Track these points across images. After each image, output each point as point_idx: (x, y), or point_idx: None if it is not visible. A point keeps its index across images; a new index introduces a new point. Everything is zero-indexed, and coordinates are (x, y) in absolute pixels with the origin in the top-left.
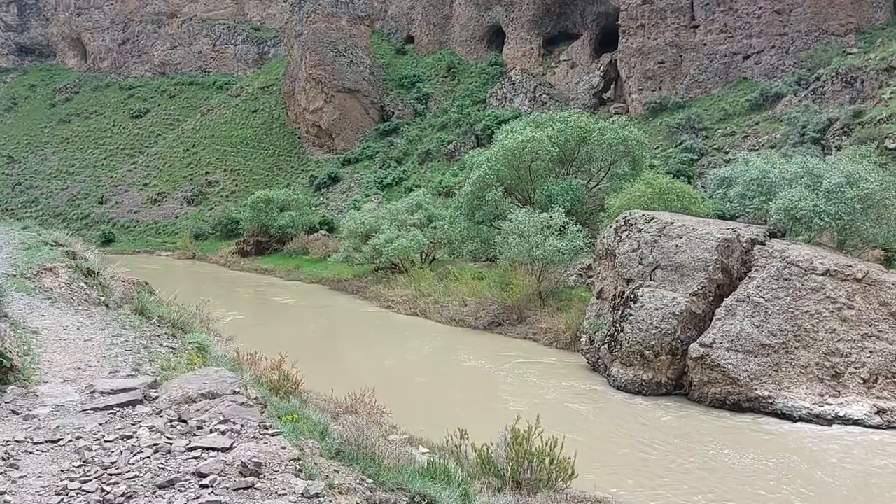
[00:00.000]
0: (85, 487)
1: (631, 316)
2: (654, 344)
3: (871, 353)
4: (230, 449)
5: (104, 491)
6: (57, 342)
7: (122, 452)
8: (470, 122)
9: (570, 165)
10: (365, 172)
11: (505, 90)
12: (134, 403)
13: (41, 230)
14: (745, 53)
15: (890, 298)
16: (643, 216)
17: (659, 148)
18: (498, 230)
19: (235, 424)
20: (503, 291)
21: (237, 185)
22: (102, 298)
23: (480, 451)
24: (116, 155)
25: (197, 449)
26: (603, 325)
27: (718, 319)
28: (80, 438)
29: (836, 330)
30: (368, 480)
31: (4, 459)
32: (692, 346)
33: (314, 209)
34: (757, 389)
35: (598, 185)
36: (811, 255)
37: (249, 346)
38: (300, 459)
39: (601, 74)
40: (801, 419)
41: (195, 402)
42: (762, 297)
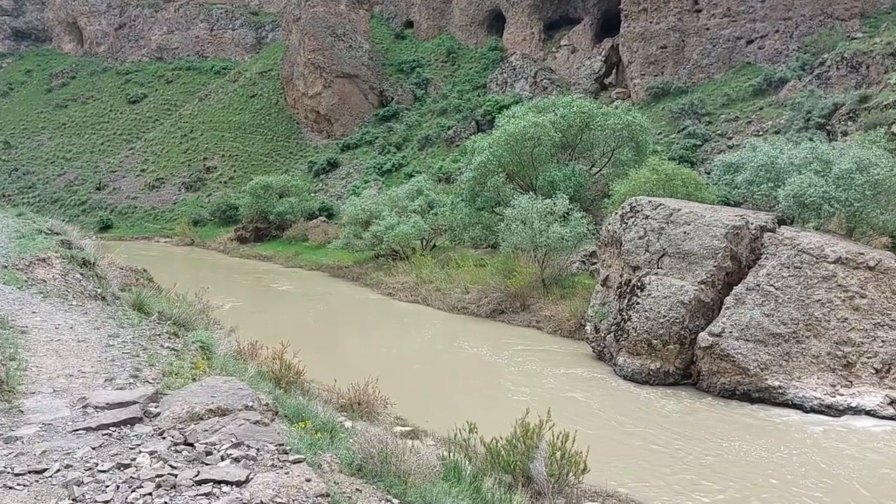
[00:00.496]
0: None
1: (638, 304)
2: (661, 333)
3: (883, 342)
4: (246, 482)
5: None
6: (48, 343)
7: (118, 487)
8: (470, 107)
9: (572, 151)
10: (364, 158)
11: (505, 75)
12: (132, 422)
13: (36, 217)
14: (748, 38)
15: None
16: (650, 203)
17: (661, 134)
18: (500, 217)
19: (250, 449)
20: (506, 279)
21: (235, 170)
22: (99, 290)
23: (490, 445)
24: (114, 140)
25: (207, 482)
26: (609, 313)
27: (728, 308)
28: (69, 468)
29: (847, 319)
30: (395, 501)
31: None
32: (701, 335)
33: (313, 195)
34: (767, 379)
35: (600, 171)
36: (822, 242)
37: (250, 334)
38: (329, 496)
39: (603, 59)
40: (812, 410)
41: (202, 419)
42: (772, 285)
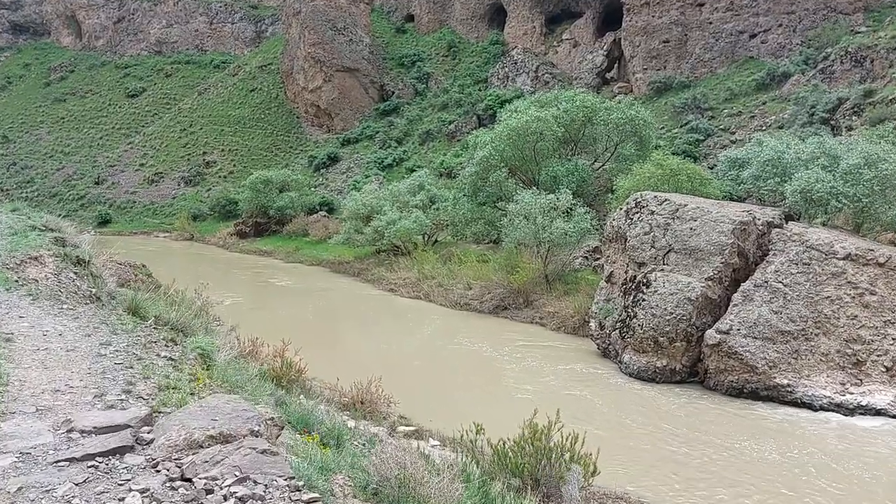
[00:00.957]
0: None
1: (644, 301)
2: (668, 330)
3: (894, 340)
4: None
5: None
6: (34, 353)
7: None
8: (471, 101)
9: (574, 146)
10: (365, 153)
11: (506, 69)
12: (122, 451)
13: (31, 213)
14: (751, 32)
15: None
16: (655, 198)
17: (664, 128)
18: (502, 212)
19: (257, 485)
20: (509, 275)
21: (235, 165)
22: (94, 290)
23: (497, 447)
24: (112, 135)
25: None
26: (614, 309)
27: (735, 305)
28: None
29: (857, 316)
30: None
31: None
32: (708, 332)
33: (313, 190)
34: (776, 378)
35: (602, 165)
36: (831, 238)
37: (250, 331)
38: None
39: (604, 53)
40: (822, 408)
41: (202, 447)
42: (781, 281)
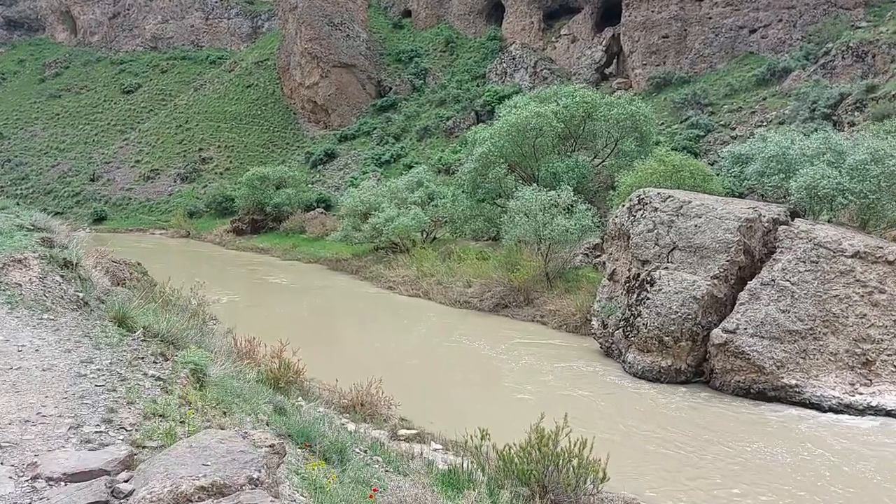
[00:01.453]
0: None
1: (648, 300)
2: (673, 329)
3: None
4: None
5: None
6: (5, 373)
7: None
8: (469, 97)
9: (574, 142)
10: (362, 149)
11: (505, 65)
12: None
13: (20, 212)
14: (751, 27)
15: None
16: (658, 195)
17: (664, 124)
18: (502, 209)
19: None
20: (509, 272)
21: (231, 161)
22: (81, 294)
23: (503, 452)
24: (108, 131)
25: None
26: (616, 308)
27: (742, 304)
28: None
29: (866, 315)
30: None
31: None
32: (714, 331)
33: (310, 187)
34: (783, 378)
35: (602, 162)
36: (839, 235)
37: (246, 330)
38: None
39: (603, 49)
40: (830, 409)
41: (191, 502)
42: (788, 280)
